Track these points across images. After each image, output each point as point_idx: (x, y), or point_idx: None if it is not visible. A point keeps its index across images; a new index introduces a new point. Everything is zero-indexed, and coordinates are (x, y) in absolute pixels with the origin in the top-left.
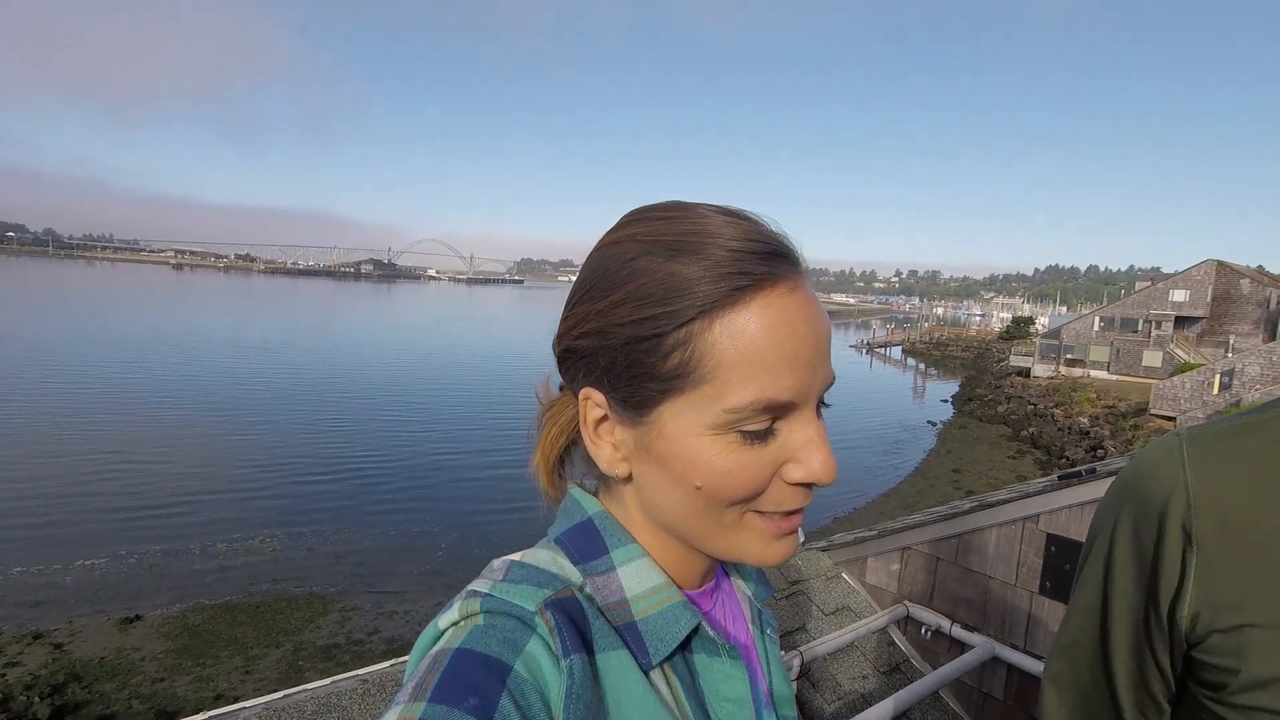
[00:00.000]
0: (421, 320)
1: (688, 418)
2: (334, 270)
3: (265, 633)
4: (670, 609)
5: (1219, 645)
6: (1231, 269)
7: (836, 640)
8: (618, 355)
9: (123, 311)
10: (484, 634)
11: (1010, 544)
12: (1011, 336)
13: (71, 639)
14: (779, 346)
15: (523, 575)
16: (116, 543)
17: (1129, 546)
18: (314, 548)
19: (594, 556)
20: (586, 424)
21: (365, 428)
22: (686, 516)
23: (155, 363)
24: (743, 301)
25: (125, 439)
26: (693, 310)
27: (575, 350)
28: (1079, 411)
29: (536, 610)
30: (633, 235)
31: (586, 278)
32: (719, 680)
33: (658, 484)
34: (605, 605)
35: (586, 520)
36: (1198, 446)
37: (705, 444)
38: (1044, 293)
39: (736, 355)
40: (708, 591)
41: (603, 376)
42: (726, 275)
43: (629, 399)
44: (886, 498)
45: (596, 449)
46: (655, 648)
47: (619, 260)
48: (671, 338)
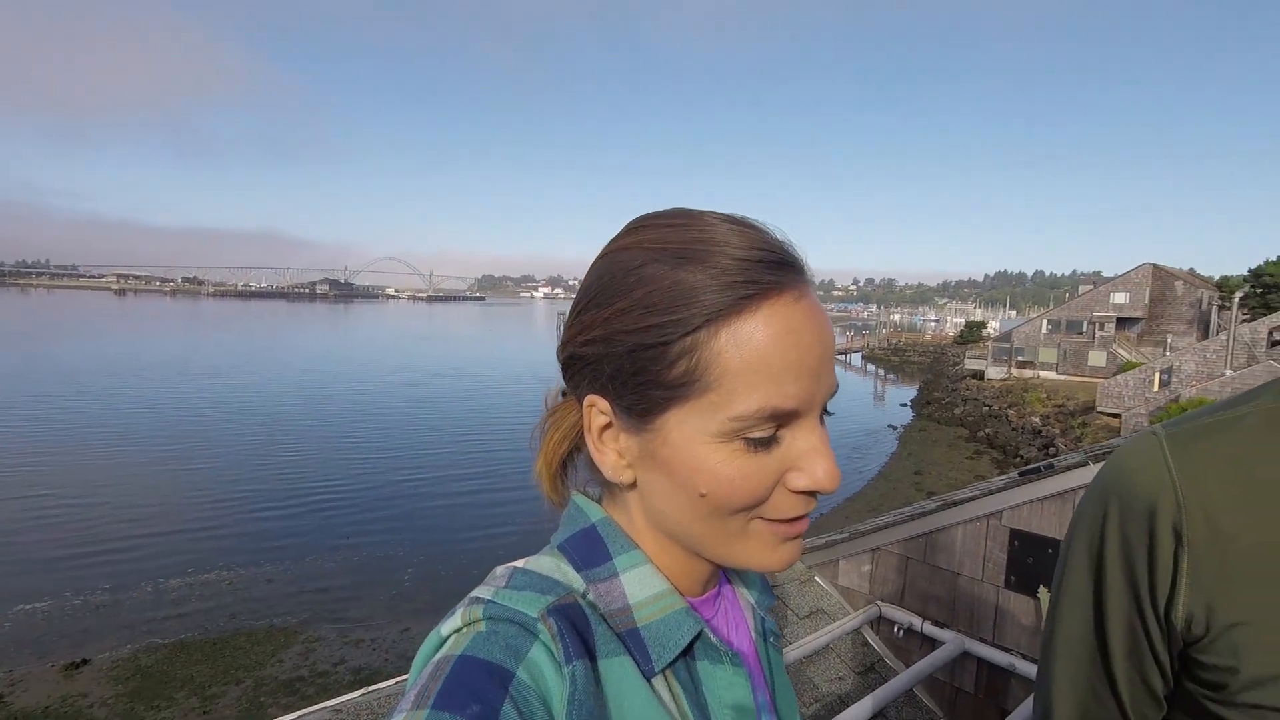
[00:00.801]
0: (380, 340)
1: (693, 425)
2: (288, 291)
3: (223, 670)
4: (673, 616)
5: (1216, 645)
6: (1166, 272)
7: (812, 643)
8: (623, 362)
9: (61, 340)
10: (486, 640)
11: (976, 540)
12: (965, 340)
13: (12, 689)
14: (785, 355)
15: (525, 582)
16: (60, 585)
17: (1118, 548)
18: (273, 579)
19: (597, 563)
20: (591, 431)
21: (324, 454)
22: (691, 523)
23: (96, 393)
24: (749, 310)
25: (66, 475)
26: (699, 318)
27: (580, 357)
28: (1031, 411)
29: (539, 616)
30: (639, 242)
31: (592, 284)
32: (721, 687)
33: (662, 491)
34: (608, 612)
35: (589, 527)
36: (1179, 446)
37: (710, 451)
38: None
39: (742, 364)
40: (710, 599)
41: (608, 383)
42: (733, 284)
43: (634, 406)
44: (851, 501)
45: (601, 456)
46: (658, 654)
47: (625, 267)
48: (677, 345)
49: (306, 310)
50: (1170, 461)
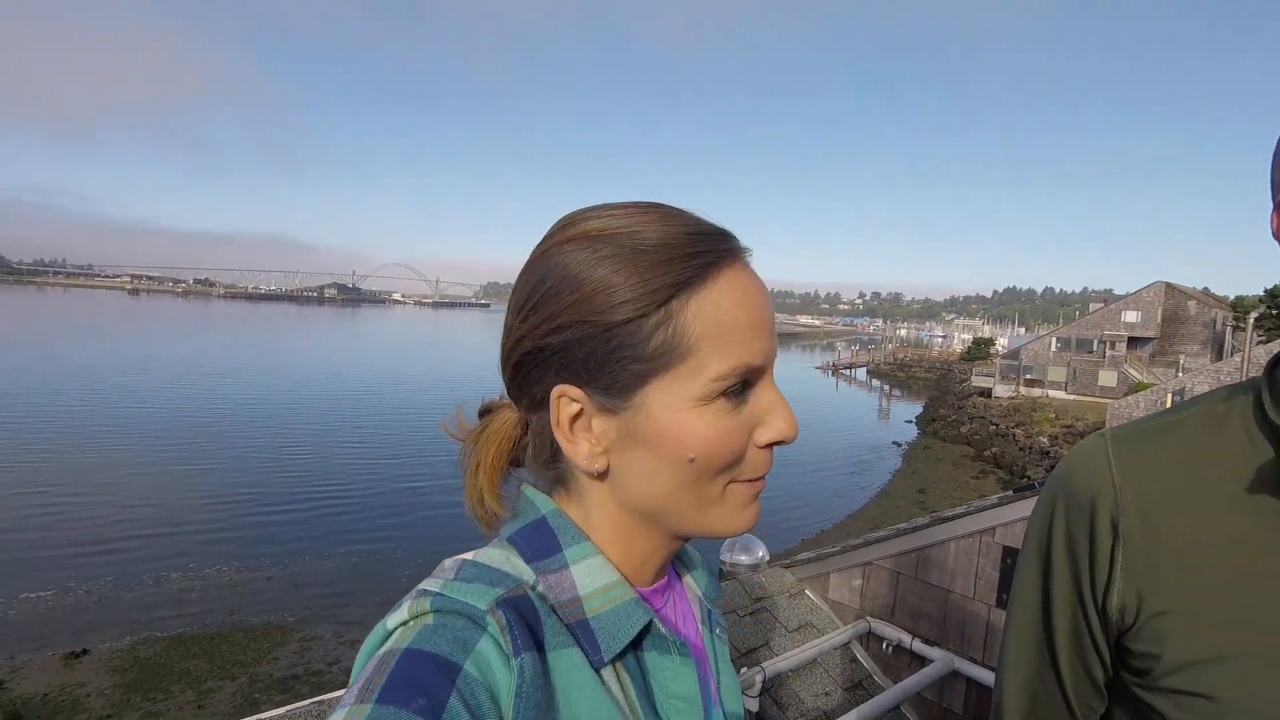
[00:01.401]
0: (386, 345)
1: (675, 393)
2: (296, 294)
3: (219, 665)
4: (622, 606)
5: (1142, 633)
6: (1180, 290)
7: (799, 656)
8: (598, 343)
9: (74, 338)
10: (433, 633)
11: (968, 557)
12: (973, 357)
13: (13, 675)
14: (748, 315)
15: (474, 574)
16: (64, 576)
17: (1063, 541)
18: (273, 577)
19: (547, 555)
20: (560, 423)
21: (328, 455)
22: (675, 494)
23: (106, 391)
24: (712, 277)
25: (75, 470)
26: (670, 289)
27: (544, 349)
28: (1039, 431)
29: (488, 609)
30: (584, 233)
31: (543, 279)
32: (669, 678)
33: (642, 468)
34: (557, 603)
35: (540, 519)
36: (1121, 446)
37: (695, 416)
38: (1003, 314)
39: (714, 327)
40: (660, 589)
41: (579, 369)
42: (693, 254)
43: (612, 385)
44: (854, 519)
45: (573, 446)
46: (607, 645)
47: (580, 256)
48: (653, 318)
49: (315, 314)
50: (1113, 460)
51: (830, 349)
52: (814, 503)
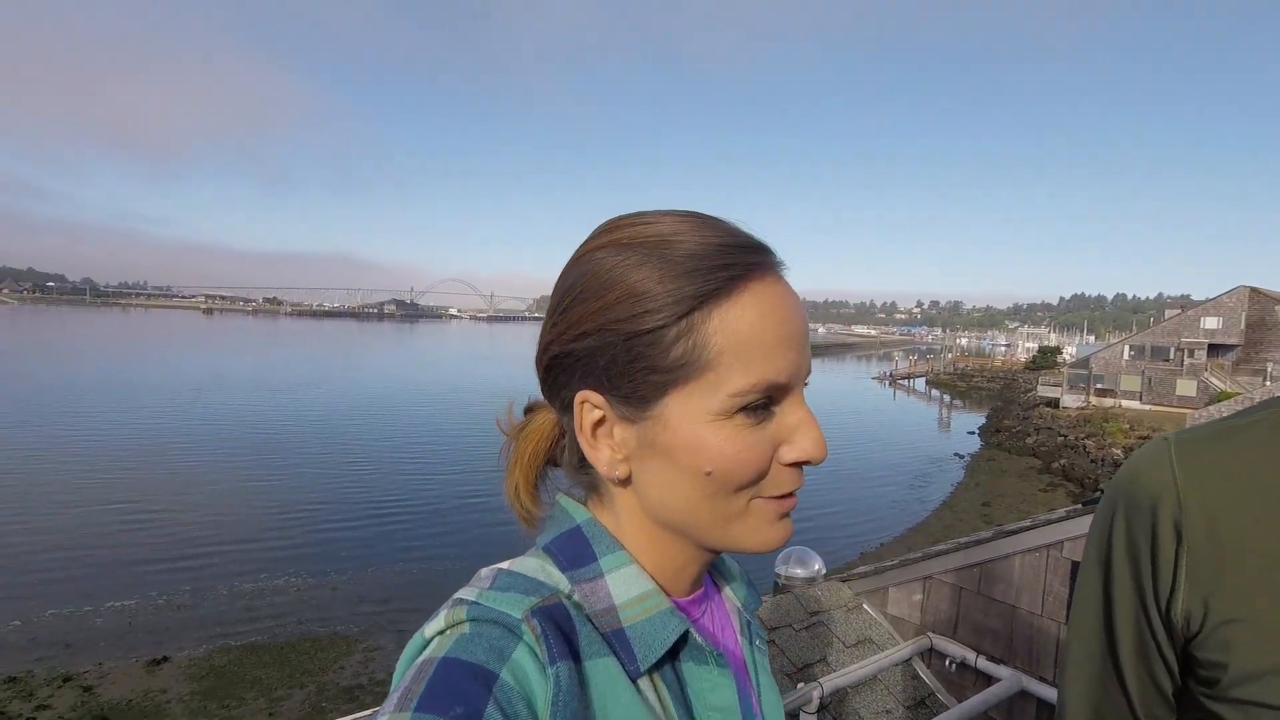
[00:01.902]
0: (443, 359)
1: (694, 406)
2: (358, 311)
3: (289, 674)
4: (658, 616)
5: (1209, 642)
6: (1265, 295)
7: (858, 672)
8: (619, 351)
9: (153, 356)
10: (470, 642)
11: (1034, 572)
12: (1038, 366)
13: (100, 681)
14: (774, 330)
15: (510, 583)
16: (146, 584)
17: (1124, 547)
18: (338, 588)
19: (582, 564)
20: (583, 429)
21: (389, 469)
22: (694, 507)
23: (184, 406)
24: (737, 291)
25: (156, 483)
26: (692, 301)
27: (570, 354)
28: (1112, 443)
29: (523, 618)
30: (616, 240)
31: (574, 283)
32: (707, 689)
33: (662, 478)
34: (593, 612)
35: (574, 528)
36: (1185, 449)
37: (713, 430)
38: (1070, 321)
39: (737, 341)
40: (697, 600)
41: (601, 376)
42: (720, 266)
43: (632, 394)
44: (914, 532)
45: (595, 452)
46: (643, 654)
47: (609, 263)
48: (674, 329)
49: (375, 329)
50: (1176, 464)
51: (887, 359)
52: (872, 516)
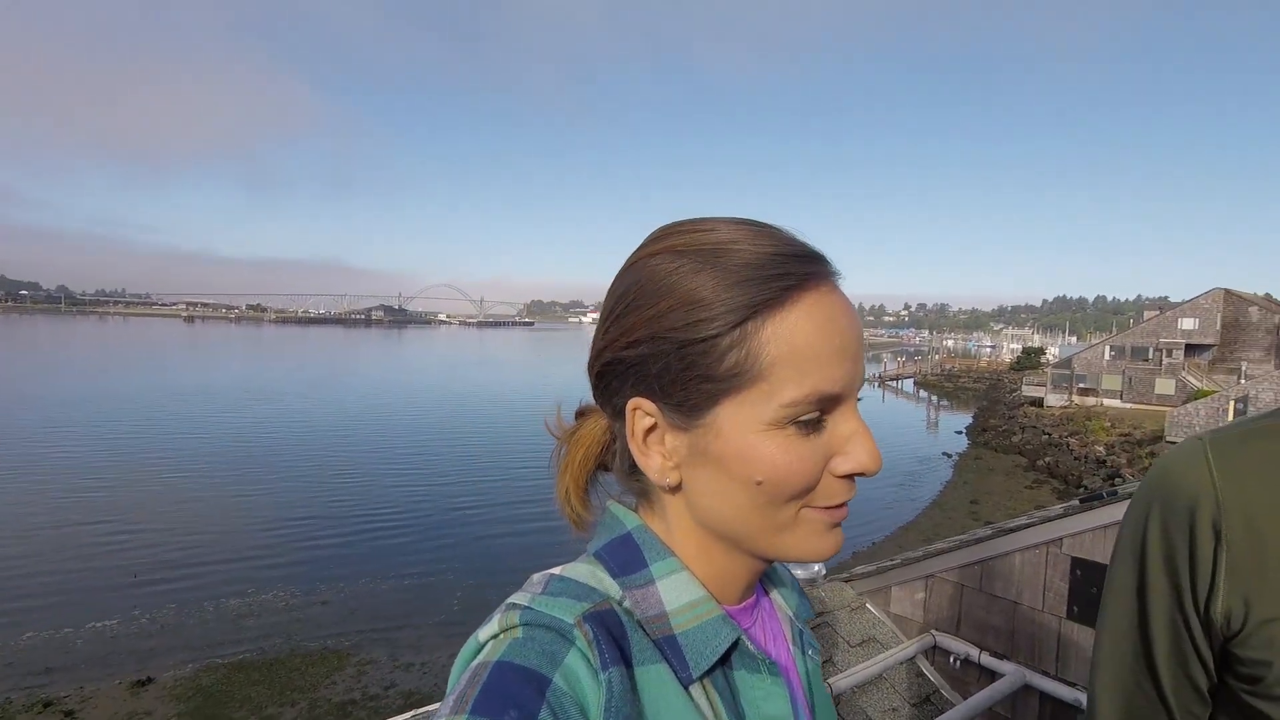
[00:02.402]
0: (432, 366)
1: (746, 415)
2: (345, 318)
3: (279, 691)
4: (710, 623)
5: (1252, 640)
6: (1239, 297)
7: (864, 672)
8: (672, 360)
9: (132, 366)
10: (523, 646)
11: (1035, 569)
12: (1023, 367)
13: (82, 705)
14: (828, 342)
15: (561, 588)
16: (128, 603)
17: (1160, 546)
18: (328, 601)
19: (633, 570)
20: (635, 435)
21: (378, 478)
22: (745, 516)
23: (164, 418)
24: (791, 300)
25: (136, 497)
26: (746, 310)
27: (622, 361)
28: (1094, 440)
29: (575, 623)
30: (671, 247)
31: (628, 289)
32: (760, 697)
33: (713, 487)
34: (644, 619)
35: (625, 534)
36: (1221, 449)
37: (764, 439)
38: (1053, 323)
39: (790, 351)
40: (748, 608)
41: (654, 383)
42: (775, 276)
43: (684, 402)
44: (905, 531)
45: (646, 459)
46: (695, 661)
47: (664, 270)
48: (727, 338)
49: (362, 336)
50: (1213, 463)
51: (876, 360)
52: (864, 516)
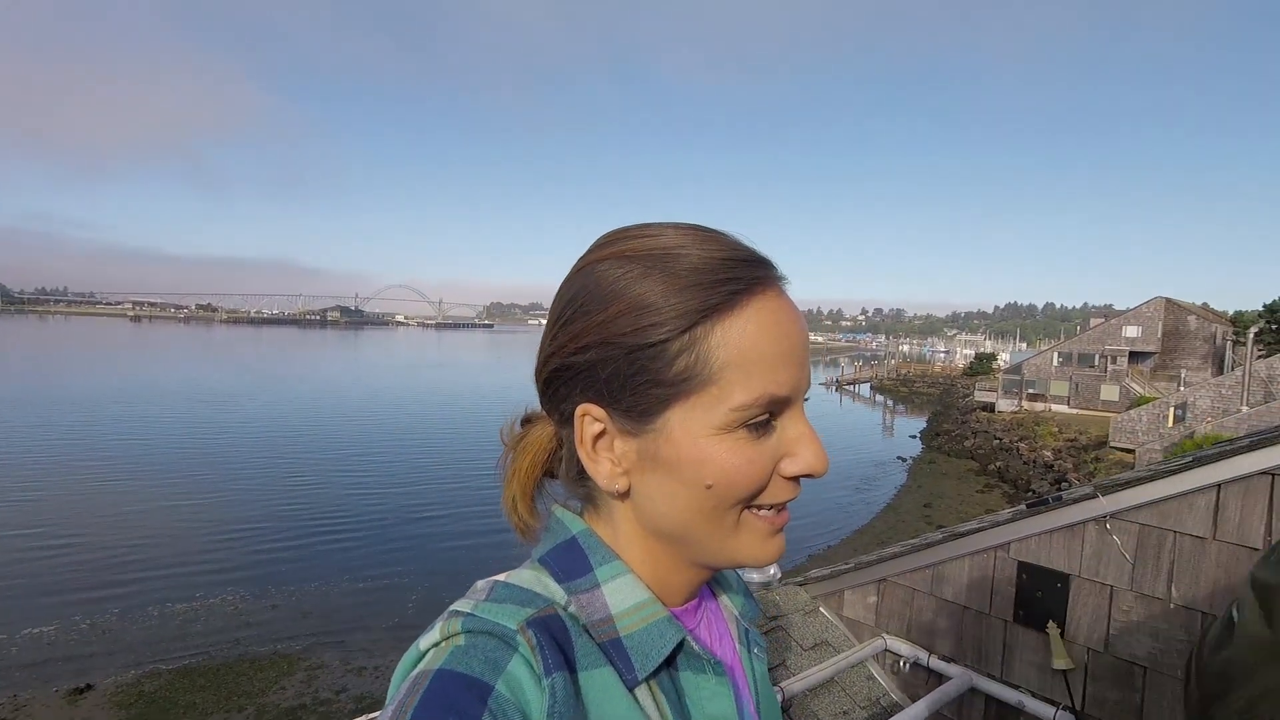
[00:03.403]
0: (389, 368)
1: (696, 420)
2: (300, 318)
3: (226, 696)
4: (655, 625)
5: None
6: (1179, 306)
7: (817, 675)
8: (621, 365)
9: (73, 367)
10: (465, 654)
11: (983, 572)
12: (975, 373)
13: (16, 714)
14: (776, 345)
15: (506, 594)
16: (68, 610)
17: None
18: (278, 605)
19: (578, 574)
20: (584, 442)
21: (331, 482)
22: (692, 521)
23: (106, 421)
24: (740, 305)
25: (78, 501)
26: (696, 315)
27: (571, 367)
28: (1043, 445)
29: (518, 629)
30: (618, 253)
31: (576, 294)
32: (705, 697)
33: (662, 492)
34: (589, 623)
35: (570, 539)
36: None
37: (714, 443)
38: (1004, 329)
39: (740, 355)
40: (692, 609)
41: (603, 389)
42: (723, 281)
43: (633, 408)
44: (860, 534)
45: (595, 465)
46: (640, 663)
47: (611, 275)
48: (677, 343)
49: (317, 337)
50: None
51: (834, 365)
52: (820, 518)
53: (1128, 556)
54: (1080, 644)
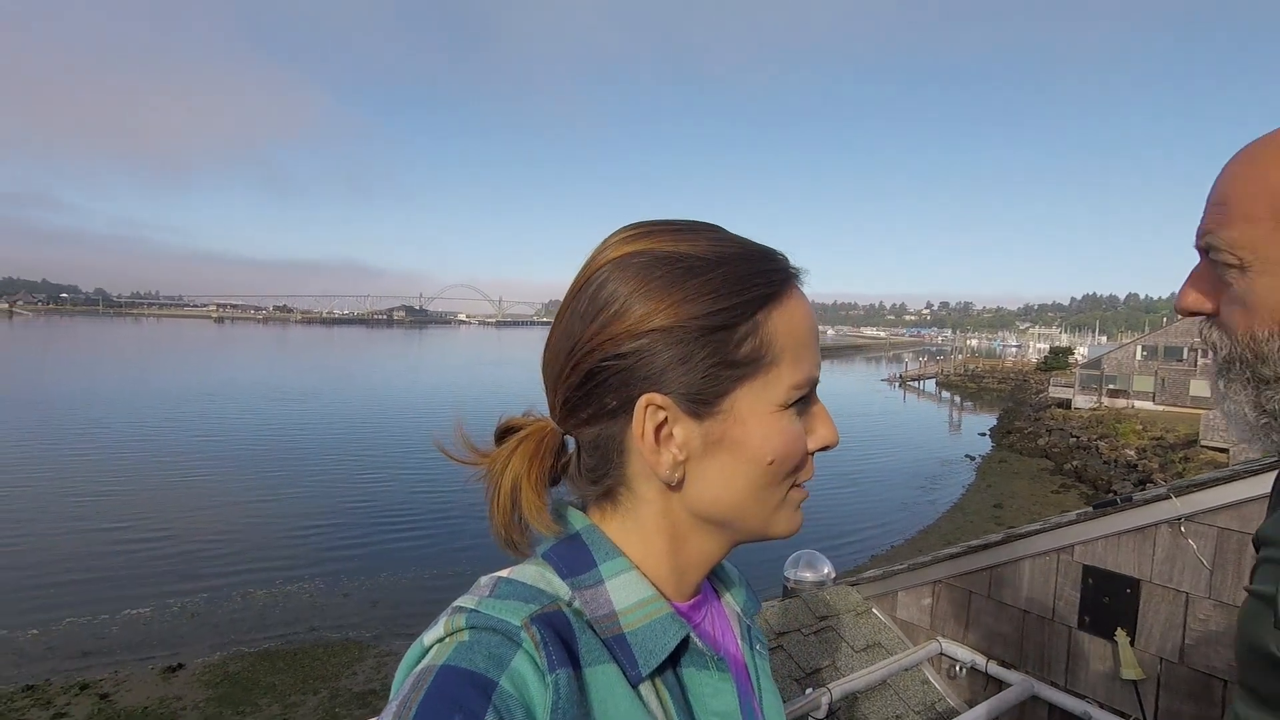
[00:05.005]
0: (452, 366)
1: (762, 399)
2: (368, 318)
3: (302, 680)
4: (659, 621)
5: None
6: None
7: (868, 677)
8: (692, 347)
9: (164, 366)
10: (469, 650)
11: (1045, 576)
12: (1050, 367)
13: (117, 688)
14: (809, 332)
15: (509, 591)
16: (162, 592)
17: None
18: (350, 593)
19: (582, 570)
20: (646, 433)
21: (399, 476)
22: (748, 500)
23: (195, 416)
24: (785, 294)
25: (166, 496)
26: (758, 300)
27: (624, 357)
28: (1124, 444)
29: (522, 625)
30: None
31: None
32: (708, 694)
33: (722, 475)
34: (593, 619)
35: (574, 535)
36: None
37: (777, 420)
38: (1082, 322)
39: (791, 339)
40: (696, 605)
41: (664, 376)
42: (772, 271)
43: (702, 391)
44: (925, 534)
45: (659, 456)
46: (644, 660)
47: (668, 264)
48: (744, 326)
49: (385, 336)
50: None
51: (897, 361)
52: (883, 519)
53: (1205, 562)
54: (1152, 654)
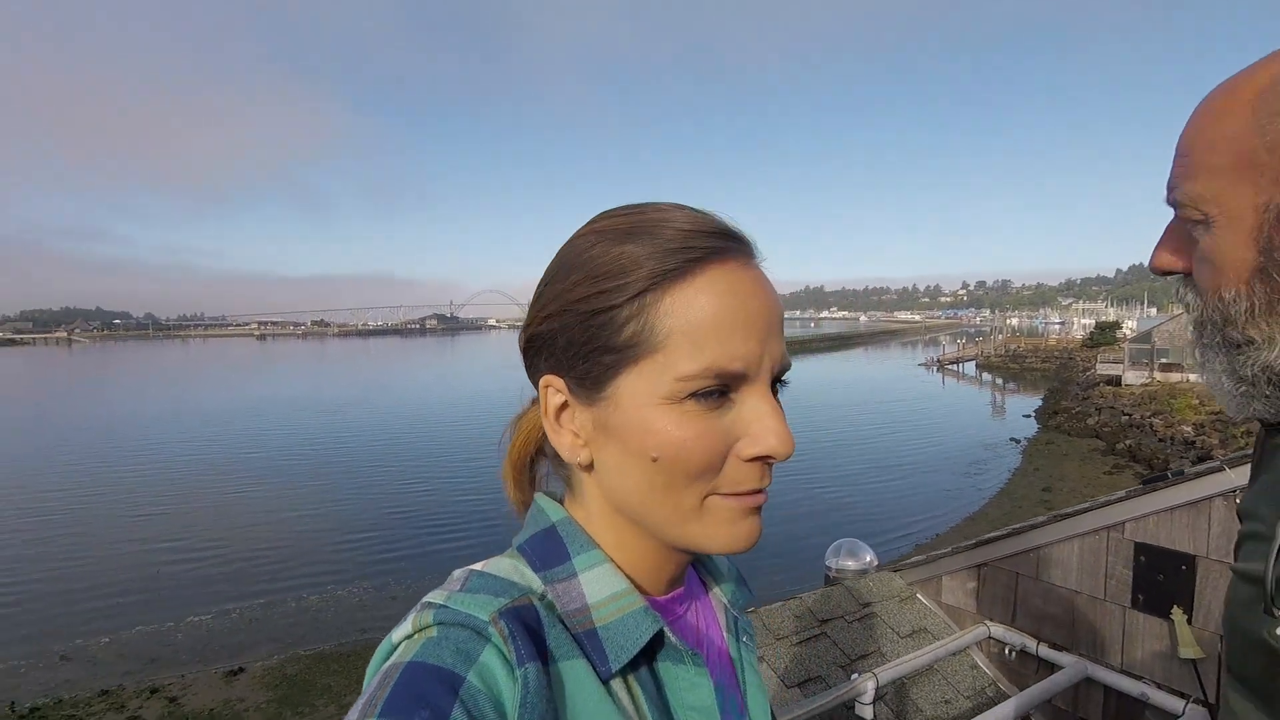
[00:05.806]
0: (482, 371)
1: (643, 388)
2: (401, 328)
3: (356, 680)
4: (631, 615)
5: None
6: None
7: (914, 663)
8: (576, 331)
9: (209, 383)
10: (436, 646)
11: (1095, 556)
12: (1096, 343)
13: (184, 692)
14: (730, 317)
15: (480, 584)
16: (221, 599)
17: None
18: (397, 596)
19: (555, 563)
20: (548, 414)
21: (441, 485)
22: (647, 497)
23: (239, 433)
24: (692, 274)
25: (219, 509)
26: (644, 281)
27: (540, 336)
28: (1181, 420)
29: (490, 619)
30: (594, 228)
31: (551, 267)
32: (684, 689)
33: (617, 464)
34: (566, 613)
35: (550, 527)
36: None
37: (660, 413)
38: (1129, 294)
39: (688, 324)
40: (676, 598)
41: (561, 357)
42: (677, 250)
43: (587, 375)
44: (971, 521)
45: (558, 436)
46: (615, 655)
47: (581, 246)
48: (626, 309)
49: (418, 344)
50: None
51: (934, 344)
52: (926, 506)
53: None
54: (1212, 632)
